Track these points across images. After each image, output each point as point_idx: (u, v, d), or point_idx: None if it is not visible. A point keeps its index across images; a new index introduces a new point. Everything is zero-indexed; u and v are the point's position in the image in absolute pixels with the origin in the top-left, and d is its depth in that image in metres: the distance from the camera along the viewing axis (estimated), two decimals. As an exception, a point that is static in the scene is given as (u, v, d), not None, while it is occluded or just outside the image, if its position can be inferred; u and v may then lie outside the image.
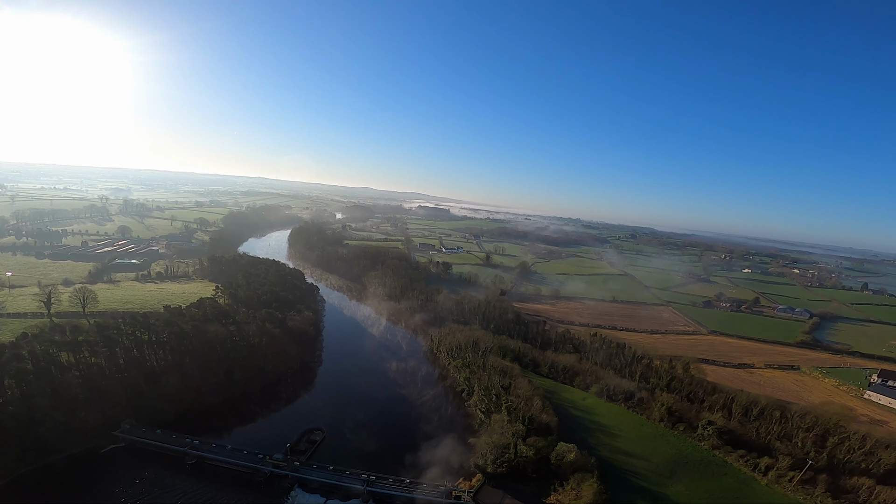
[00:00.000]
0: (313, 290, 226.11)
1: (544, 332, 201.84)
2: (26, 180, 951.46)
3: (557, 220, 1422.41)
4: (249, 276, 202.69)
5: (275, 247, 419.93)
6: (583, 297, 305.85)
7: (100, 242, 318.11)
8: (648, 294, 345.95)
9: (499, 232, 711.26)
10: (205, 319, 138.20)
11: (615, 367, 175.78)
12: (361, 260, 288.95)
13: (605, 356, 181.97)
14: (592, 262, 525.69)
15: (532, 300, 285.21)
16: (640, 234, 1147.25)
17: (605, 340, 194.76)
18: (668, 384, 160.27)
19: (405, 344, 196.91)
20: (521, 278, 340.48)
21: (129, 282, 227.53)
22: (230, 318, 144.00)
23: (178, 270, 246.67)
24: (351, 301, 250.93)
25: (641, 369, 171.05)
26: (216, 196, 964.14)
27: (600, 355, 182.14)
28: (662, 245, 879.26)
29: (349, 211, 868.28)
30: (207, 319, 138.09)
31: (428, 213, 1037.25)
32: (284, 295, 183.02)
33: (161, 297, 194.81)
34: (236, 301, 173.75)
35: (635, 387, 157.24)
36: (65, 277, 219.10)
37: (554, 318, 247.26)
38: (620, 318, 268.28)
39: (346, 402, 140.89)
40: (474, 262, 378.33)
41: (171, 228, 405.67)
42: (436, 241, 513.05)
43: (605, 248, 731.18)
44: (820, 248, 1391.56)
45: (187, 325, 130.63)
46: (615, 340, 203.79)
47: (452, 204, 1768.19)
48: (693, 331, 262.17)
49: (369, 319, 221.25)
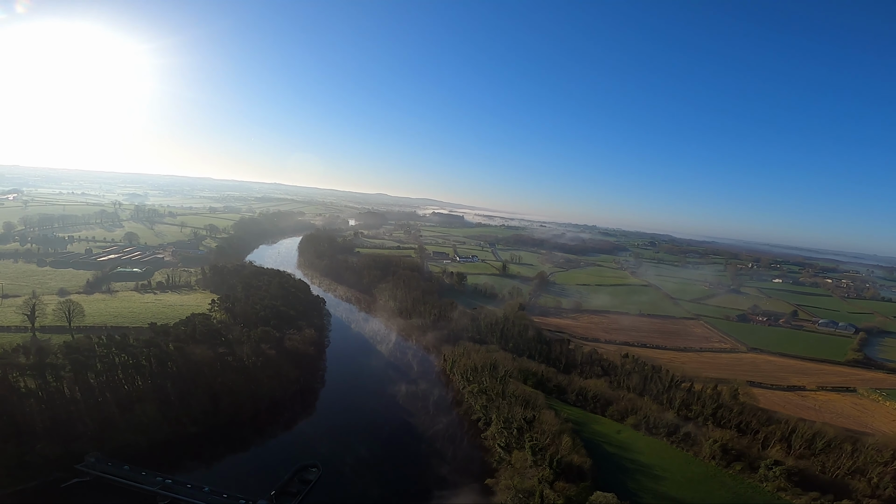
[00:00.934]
0: (319, 304, 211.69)
1: (569, 352, 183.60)
2: (46, 185, 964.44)
3: (573, 226, 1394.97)
4: (250, 288, 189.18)
5: (284, 254, 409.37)
6: (607, 311, 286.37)
7: (106, 249, 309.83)
8: (677, 307, 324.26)
9: (514, 240, 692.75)
10: (192, 339, 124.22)
11: (651, 394, 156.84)
12: (372, 270, 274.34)
13: (639, 380, 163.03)
14: (613, 271, 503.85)
15: (552, 314, 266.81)
16: (658, 241, 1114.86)
17: (637, 362, 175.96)
18: (714, 413, 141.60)
19: (416, 363, 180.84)
20: (540, 290, 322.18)
21: (127, 292, 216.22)
22: (221, 337, 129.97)
23: (181, 280, 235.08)
24: (359, 314, 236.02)
25: (682, 395, 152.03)
26: (231, 202, 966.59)
27: (633, 379, 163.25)
28: (683, 253, 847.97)
29: (362, 217, 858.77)
30: (195, 339, 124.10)
31: (442, 220, 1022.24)
32: (285, 310, 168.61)
33: (156, 309, 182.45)
34: (234, 316, 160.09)
35: (675, 416, 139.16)
36: (60, 287, 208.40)
37: (577, 335, 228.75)
38: (649, 333, 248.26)
39: (348, 433, 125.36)
40: (490, 272, 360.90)
41: (181, 235, 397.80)
42: (450, 249, 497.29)
43: (625, 256, 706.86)
44: (845, 256, 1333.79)
45: (171, 345, 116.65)
46: (648, 361, 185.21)
47: (466, 210, 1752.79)
48: (730, 348, 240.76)
49: (378, 335, 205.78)
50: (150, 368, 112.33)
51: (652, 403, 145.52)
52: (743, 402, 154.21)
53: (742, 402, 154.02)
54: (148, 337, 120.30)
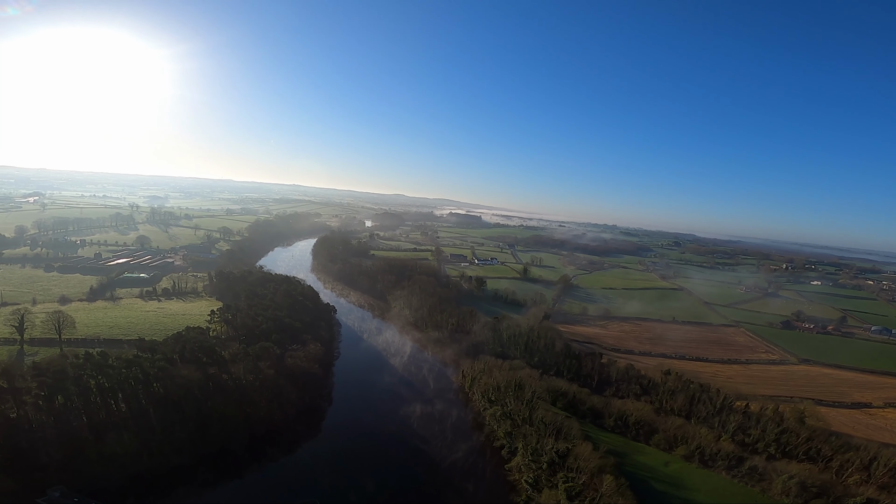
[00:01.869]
0: (328, 313, 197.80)
1: (602, 368, 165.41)
2: (70, 188, 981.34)
3: (593, 226, 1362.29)
4: (253, 297, 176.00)
5: (298, 257, 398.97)
6: (637, 318, 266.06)
7: (116, 253, 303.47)
8: (713, 313, 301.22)
9: (534, 241, 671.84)
10: (181, 357, 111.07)
11: (699, 416, 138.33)
12: (386, 275, 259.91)
13: (685, 401, 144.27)
14: (638, 273, 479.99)
15: (579, 322, 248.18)
16: (682, 241, 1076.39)
17: (681, 379, 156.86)
18: (778, 438, 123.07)
19: (432, 379, 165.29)
20: (564, 294, 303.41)
21: (131, 299, 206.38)
22: (215, 354, 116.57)
23: (187, 286, 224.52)
24: (372, 323, 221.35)
25: (737, 419, 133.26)
26: (249, 203, 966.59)
27: (678, 400, 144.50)
28: (711, 253, 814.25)
29: (379, 218, 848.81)
30: (183, 358, 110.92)
31: (459, 221, 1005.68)
32: (290, 322, 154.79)
33: (155, 320, 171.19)
34: (234, 328, 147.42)
35: (731, 443, 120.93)
36: (62, 294, 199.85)
37: (607, 345, 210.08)
38: (687, 343, 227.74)
39: (354, 463, 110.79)
40: (511, 276, 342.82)
41: (194, 238, 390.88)
42: (468, 251, 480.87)
43: (649, 257, 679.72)
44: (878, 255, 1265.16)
45: (154, 365, 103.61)
46: (693, 378, 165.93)
47: (484, 211, 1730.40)
48: (779, 359, 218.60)
49: (391, 347, 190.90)
50: (129, 391, 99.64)
51: (704, 429, 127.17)
52: (811, 425, 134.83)
53: (810, 425, 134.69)
54: (132, 355, 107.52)
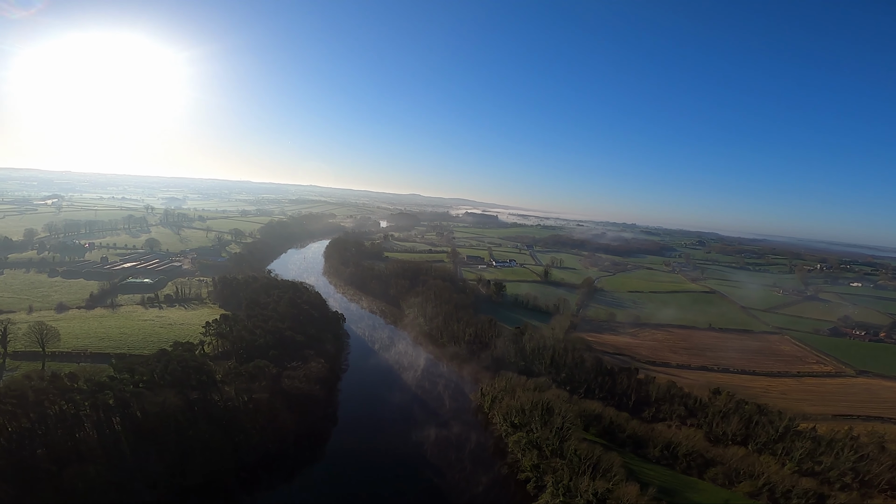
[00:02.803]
0: (336, 323, 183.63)
1: (639, 386, 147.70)
2: (91, 190, 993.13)
3: (612, 225, 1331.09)
4: (254, 307, 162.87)
5: (311, 259, 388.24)
6: (670, 325, 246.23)
7: (124, 257, 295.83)
8: (752, 318, 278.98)
9: (553, 240, 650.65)
10: (162, 378, 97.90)
11: (758, 441, 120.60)
12: (399, 279, 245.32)
13: (740, 424, 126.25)
14: (665, 275, 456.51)
15: (606, 329, 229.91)
16: (706, 240, 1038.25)
17: (733, 399, 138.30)
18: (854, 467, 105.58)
19: (448, 397, 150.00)
20: (588, 299, 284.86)
21: (132, 306, 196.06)
22: (201, 375, 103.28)
23: (191, 292, 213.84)
24: (384, 332, 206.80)
25: (806, 445, 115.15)
26: (265, 204, 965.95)
27: (732, 423, 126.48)
28: (738, 253, 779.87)
29: (394, 219, 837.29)
30: (164, 380, 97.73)
31: (475, 221, 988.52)
32: (291, 336, 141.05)
33: (151, 330, 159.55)
34: (231, 342, 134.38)
35: (798, 474, 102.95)
36: (60, 301, 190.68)
37: (641, 357, 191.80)
38: (729, 353, 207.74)
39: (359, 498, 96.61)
40: (531, 279, 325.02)
41: (205, 240, 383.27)
42: (485, 252, 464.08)
43: (674, 257, 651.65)
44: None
45: (127, 389, 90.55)
46: (741, 394, 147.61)
47: (500, 210, 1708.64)
48: (834, 371, 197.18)
49: (404, 359, 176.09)
50: (97, 418, 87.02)
51: (771, 461, 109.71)
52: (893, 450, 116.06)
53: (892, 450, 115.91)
54: (106, 376, 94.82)
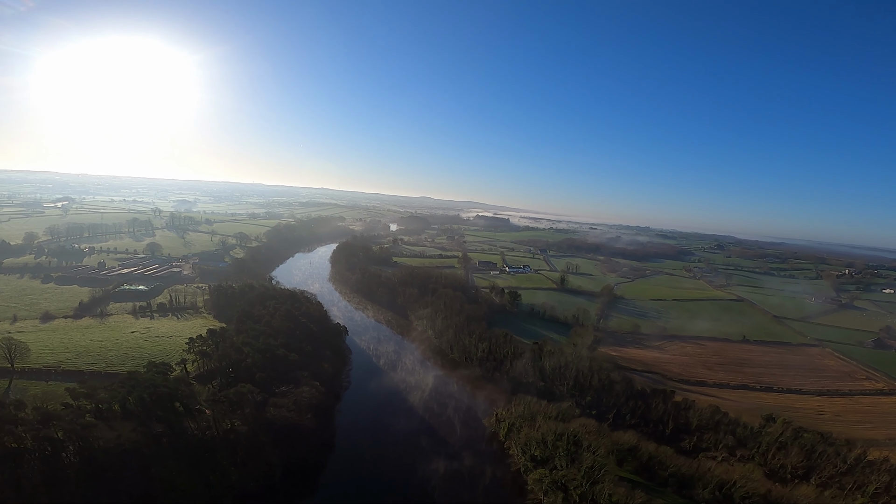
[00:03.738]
0: (337, 337, 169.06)
1: (677, 411, 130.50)
2: (105, 193, 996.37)
3: (625, 228, 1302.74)
4: (247, 319, 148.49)
5: (317, 265, 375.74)
6: (700, 337, 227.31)
7: (123, 262, 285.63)
8: (788, 329, 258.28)
9: (567, 245, 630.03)
10: (123, 409, 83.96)
11: (822, 476, 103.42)
12: (407, 287, 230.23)
13: (800, 455, 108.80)
14: (686, 281, 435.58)
15: (631, 343, 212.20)
16: (723, 243, 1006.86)
17: (790, 426, 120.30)
18: None
19: (459, 422, 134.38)
20: (609, 308, 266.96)
21: (122, 316, 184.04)
22: (177, 402, 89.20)
23: (186, 301, 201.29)
24: (389, 346, 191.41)
25: (882, 479, 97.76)
26: (275, 207, 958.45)
27: (791, 454, 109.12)
28: (759, 257, 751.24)
29: (404, 222, 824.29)
30: (126, 410, 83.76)
31: (486, 224, 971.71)
32: (283, 354, 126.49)
33: (135, 343, 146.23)
34: (217, 361, 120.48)
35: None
36: (46, 310, 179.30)
37: (672, 374, 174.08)
38: (769, 369, 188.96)
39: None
40: (546, 287, 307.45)
41: (210, 244, 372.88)
42: (497, 257, 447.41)
43: (693, 262, 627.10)
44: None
45: (79, 422, 76.71)
46: (790, 416, 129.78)
47: (511, 213, 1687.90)
48: (887, 388, 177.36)
49: (411, 377, 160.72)
50: (42, 455, 73.39)
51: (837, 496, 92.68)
52: None
53: None
54: (59, 405, 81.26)
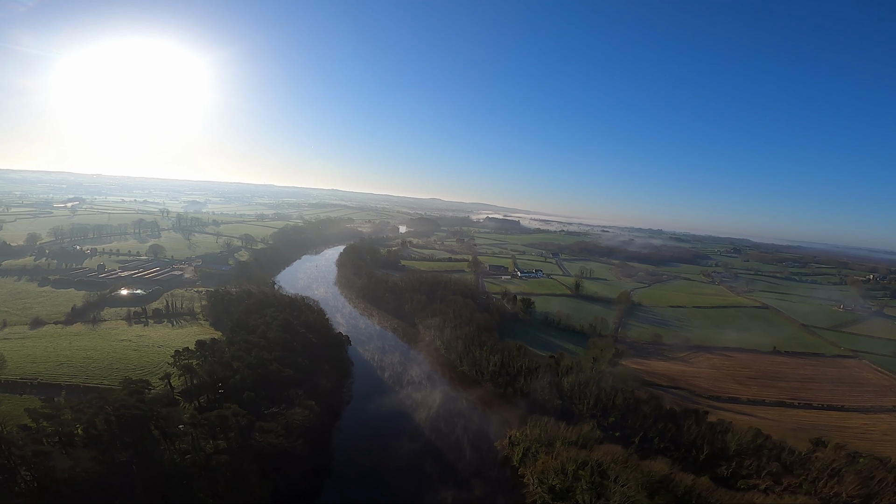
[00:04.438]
0: (339, 349, 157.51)
1: (711, 433, 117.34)
2: (117, 193, 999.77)
3: (637, 231, 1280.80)
4: (242, 329, 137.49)
5: (323, 268, 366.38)
6: (726, 347, 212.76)
7: (126, 264, 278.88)
8: (819, 339, 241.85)
9: (579, 248, 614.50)
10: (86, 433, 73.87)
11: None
12: (415, 293, 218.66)
13: (856, 484, 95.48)
14: (705, 286, 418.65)
15: (653, 354, 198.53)
16: (739, 246, 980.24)
17: (842, 451, 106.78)
18: None
19: (468, 444, 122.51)
20: (627, 316, 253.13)
21: (115, 322, 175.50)
22: (150, 423, 78.98)
23: (183, 306, 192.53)
24: (395, 356, 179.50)
25: None
26: (285, 208, 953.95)
27: (846, 482, 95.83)
28: (779, 261, 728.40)
29: (414, 224, 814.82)
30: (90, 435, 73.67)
31: (497, 226, 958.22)
32: (277, 369, 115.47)
33: (122, 353, 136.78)
34: (207, 377, 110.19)
35: None
36: (36, 315, 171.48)
37: (701, 390, 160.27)
38: (801, 382, 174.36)
39: None
40: (560, 293, 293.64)
41: (215, 246, 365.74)
42: (508, 260, 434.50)
43: (711, 266, 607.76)
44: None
45: (29, 449, 66.64)
46: (833, 436, 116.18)
47: (521, 215, 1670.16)
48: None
49: (417, 392, 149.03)
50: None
51: None
52: None
53: None
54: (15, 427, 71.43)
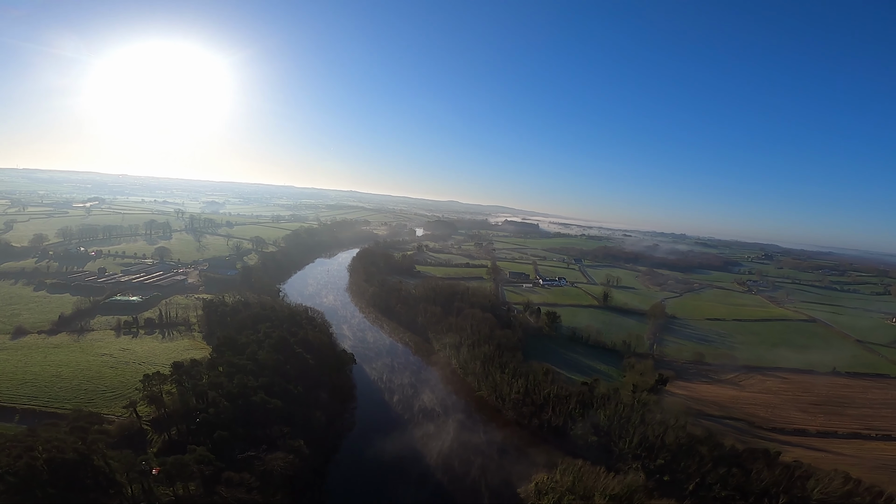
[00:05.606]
0: (340, 371, 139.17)
1: (788, 479, 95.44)
2: (139, 193, 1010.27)
3: (659, 235, 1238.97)
4: (229, 347, 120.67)
5: (335, 273, 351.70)
6: (778, 368, 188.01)
7: (129, 267, 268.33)
8: (879, 357, 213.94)
9: (602, 254, 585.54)
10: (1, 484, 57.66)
11: None
12: (429, 304, 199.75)
13: None
14: (742, 296, 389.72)
15: (696, 375, 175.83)
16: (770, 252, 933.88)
17: None
18: None
19: (487, 488, 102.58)
20: (662, 331, 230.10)
21: (104, 332, 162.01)
22: (87, 472, 62.58)
23: (178, 316, 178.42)
24: (405, 376, 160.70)
25: None
26: (302, 209, 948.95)
27: None
28: (815, 269, 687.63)
29: (431, 226, 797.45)
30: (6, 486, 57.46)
31: (516, 230, 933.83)
32: (262, 400, 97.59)
33: (97, 370, 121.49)
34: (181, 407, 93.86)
35: None
36: (19, 324, 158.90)
37: (759, 420, 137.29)
38: (873, 408, 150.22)
39: None
40: (587, 304, 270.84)
41: (225, 249, 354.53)
42: (529, 266, 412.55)
43: (742, 273, 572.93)
44: None
45: None
46: None
47: (539, 218, 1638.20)
48: None
49: (429, 422, 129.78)
50: None
51: None
52: None
53: None
54: None
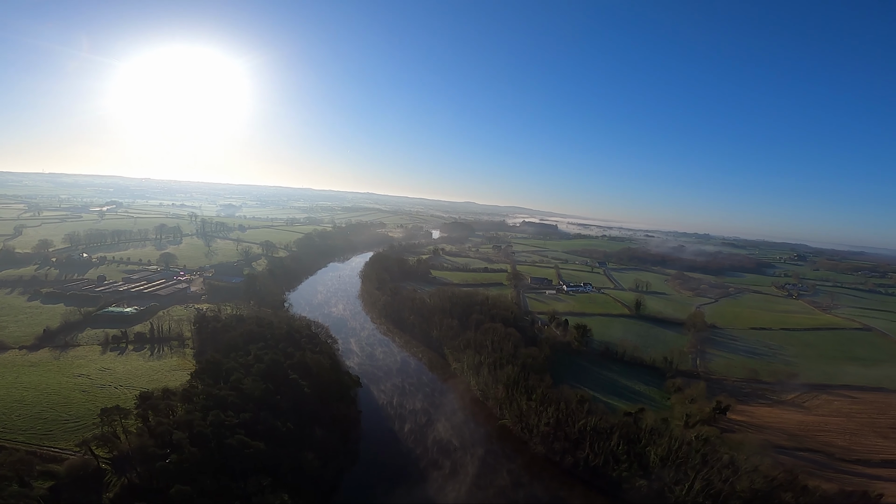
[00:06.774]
0: (341, 400, 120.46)
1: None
2: (159, 197, 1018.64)
3: (683, 236, 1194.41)
4: (211, 373, 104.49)
5: (347, 278, 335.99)
6: (844, 386, 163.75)
7: (132, 274, 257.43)
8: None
9: (627, 256, 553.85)
10: None
11: None
12: (445, 317, 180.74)
13: None
14: (783, 301, 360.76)
15: (751, 396, 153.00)
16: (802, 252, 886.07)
17: None
18: None
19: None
20: (704, 343, 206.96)
21: (90, 346, 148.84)
22: None
23: (171, 330, 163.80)
24: (418, 400, 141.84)
25: None
26: (318, 212, 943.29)
27: None
28: (853, 270, 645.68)
29: (447, 229, 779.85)
30: None
31: (534, 231, 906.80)
32: (240, 443, 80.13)
33: (66, 394, 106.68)
34: (140, 450, 77.80)
35: None
36: (1, 339, 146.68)
37: (837, 449, 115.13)
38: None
39: None
40: (617, 313, 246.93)
41: (234, 254, 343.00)
42: (551, 271, 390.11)
43: (778, 276, 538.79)
44: None
45: None
46: None
47: (558, 219, 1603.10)
48: None
49: (444, 458, 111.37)
50: None
51: None
52: None
53: None
54: None
